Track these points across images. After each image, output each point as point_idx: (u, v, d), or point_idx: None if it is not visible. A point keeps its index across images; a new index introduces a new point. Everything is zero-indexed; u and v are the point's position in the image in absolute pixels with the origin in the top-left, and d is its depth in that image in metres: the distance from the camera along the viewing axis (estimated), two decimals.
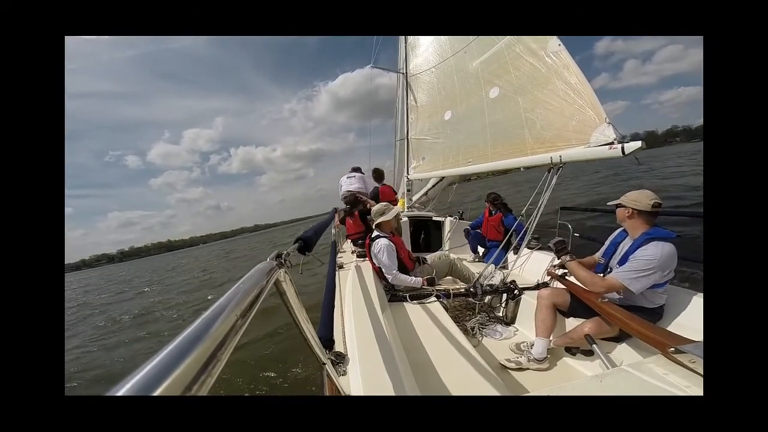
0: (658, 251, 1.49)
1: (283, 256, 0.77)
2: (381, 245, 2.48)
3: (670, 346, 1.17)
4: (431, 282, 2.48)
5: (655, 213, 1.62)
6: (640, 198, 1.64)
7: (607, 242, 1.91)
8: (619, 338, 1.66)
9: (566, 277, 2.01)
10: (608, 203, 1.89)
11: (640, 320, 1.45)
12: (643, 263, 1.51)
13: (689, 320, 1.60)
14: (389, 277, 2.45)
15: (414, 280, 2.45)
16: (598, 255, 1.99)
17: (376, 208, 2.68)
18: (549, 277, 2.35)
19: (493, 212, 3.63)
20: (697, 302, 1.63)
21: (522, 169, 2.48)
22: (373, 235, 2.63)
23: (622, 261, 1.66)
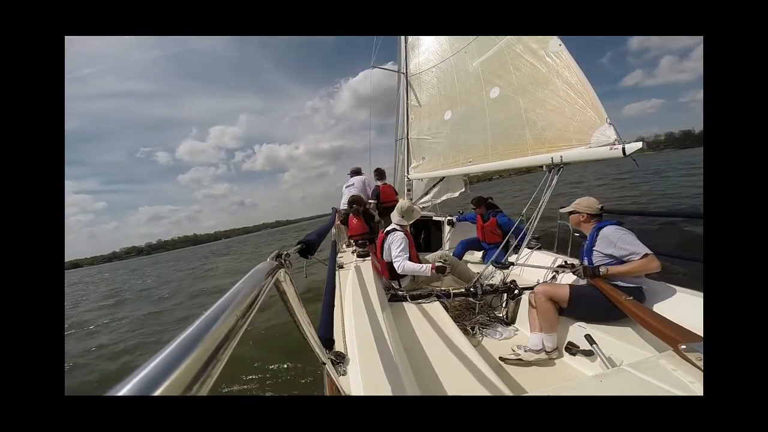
0: (611, 226, 1.88)
1: (283, 256, 0.77)
2: (398, 237, 2.55)
3: (681, 343, 1.17)
4: (441, 270, 2.49)
5: (601, 214, 2.05)
6: (591, 204, 2.03)
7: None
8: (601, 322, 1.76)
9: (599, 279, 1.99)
10: (561, 210, 2.23)
11: (657, 316, 1.47)
12: (617, 236, 1.81)
13: (689, 320, 1.60)
14: (397, 264, 2.47)
15: (423, 268, 2.47)
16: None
17: (405, 205, 2.73)
18: (551, 277, 2.36)
19: (487, 217, 3.59)
20: (697, 302, 1.63)
21: (544, 167, 2.43)
22: (389, 229, 2.68)
23: (587, 253, 1.97)
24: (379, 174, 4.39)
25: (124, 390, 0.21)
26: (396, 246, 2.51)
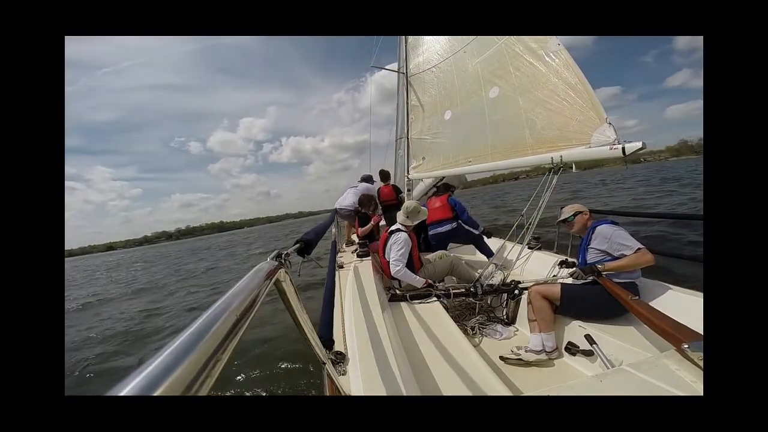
0: (606, 224, 2.00)
1: (283, 256, 0.77)
2: (401, 238, 2.53)
3: (684, 342, 1.17)
4: (430, 286, 2.49)
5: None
6: (583, 206, 2.24)
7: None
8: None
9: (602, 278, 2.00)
10: (563, 216, 2.28)
11: (660, 315, 1.48)
12: (611, 232, 1.91)
13: (689, 320, 1.60)
14: (394, 269, 2.46)
15: (417, 279, 2.47)
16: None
17: (411, 205, 2.75)
18: (552, 277, 2.36)
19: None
20: (697, 302, 1.63)
21: (573, 168, 2.35)
22: (393, 228, 2.68)
23: (582, 251, 2.06)
24: (383, 176, 4.61)
25: (125, 390, 0.21)
26: (397, 248, 2.51)
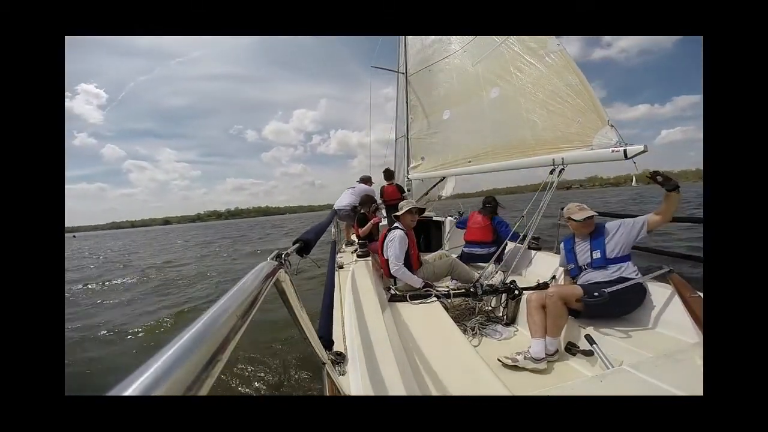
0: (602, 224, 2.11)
1: (283, 256, 0.77)
2: (396, 235, 2.55)
3: None
4: (429, 286, 2.48)
5: None
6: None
7: (562, 252, 2.26)
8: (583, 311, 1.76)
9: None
10: (579, 218, 2.16)
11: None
12: (618, 222, 2.01)
13: (689, 320, 1.60)
14: (393, 268, 2.47)
15: (415, 279, 2.48)
16: (563, 265, 2.28)
17: (402, 205, 2.77)
18: (552, 278, 2.36)
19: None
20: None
21: (634, 181, 2.22)
22: (391, 227, 2.69)
23: (597, 246, 2.01)
24: (387, 175, 4.65)
25: (125, 390, 0.21)
26: (393, 247, 2.52)
